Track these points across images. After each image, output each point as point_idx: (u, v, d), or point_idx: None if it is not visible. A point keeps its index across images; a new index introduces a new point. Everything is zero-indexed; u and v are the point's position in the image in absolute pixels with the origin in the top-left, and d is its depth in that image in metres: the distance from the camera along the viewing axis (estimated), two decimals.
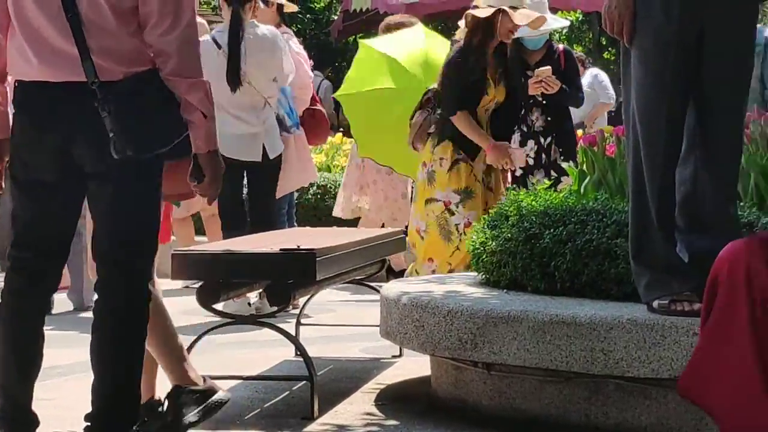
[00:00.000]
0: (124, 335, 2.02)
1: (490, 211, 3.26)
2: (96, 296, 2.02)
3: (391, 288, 2.94)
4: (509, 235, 2.76)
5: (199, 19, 4.08)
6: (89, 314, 2.42)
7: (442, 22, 10.18)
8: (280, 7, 4.89)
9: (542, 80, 4.17)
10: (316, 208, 6.36)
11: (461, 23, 3.94)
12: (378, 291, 3.19)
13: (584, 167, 3.17)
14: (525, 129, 4.38)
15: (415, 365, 3.28)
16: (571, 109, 4.74)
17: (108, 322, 2.02)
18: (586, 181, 3.06)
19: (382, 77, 4.82)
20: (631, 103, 2.33)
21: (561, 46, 4.90)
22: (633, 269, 2.32)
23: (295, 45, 4.89)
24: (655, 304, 2.25)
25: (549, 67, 4.24)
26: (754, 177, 2.77)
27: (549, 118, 4.39)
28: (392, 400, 2.91)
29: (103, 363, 2.00)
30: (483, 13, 3.70)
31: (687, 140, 2.31)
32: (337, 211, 5.64)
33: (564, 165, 3.86)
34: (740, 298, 1.86)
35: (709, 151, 2.29)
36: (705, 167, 2.27)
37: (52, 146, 1.98)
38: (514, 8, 3.72)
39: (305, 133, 4.68)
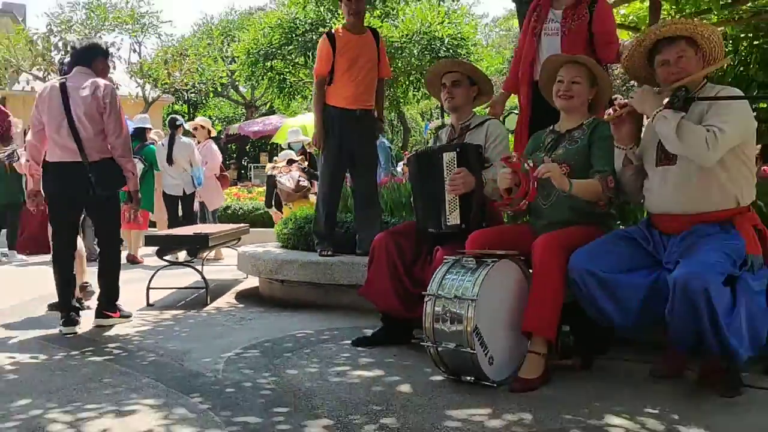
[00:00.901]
0: (108, 266, 4.49)
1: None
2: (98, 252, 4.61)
3: (244, 250, 6.07)
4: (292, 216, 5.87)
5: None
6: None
7: None
8: (209, 130, 8.96)
9: None
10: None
11: None
12: (237, 250, 6.33)
13: None
14: None
15: (253, 281, 6.22)
16: None
17: (102, 260, 4.49)
18: None
19: None
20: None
21: None
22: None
23: (215, 147, 9.02)
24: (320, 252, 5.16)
25: None
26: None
27: None
28: (243, 296, 5.80)
29: (102, 276, 4.49)
30: None
31: None
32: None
33: None
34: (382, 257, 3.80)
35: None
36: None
37: (70, 192, 4.27)
38: None
39: (220, 182, 8.73)
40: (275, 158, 9.21)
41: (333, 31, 5.35)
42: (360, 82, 5.15)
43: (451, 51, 13.57)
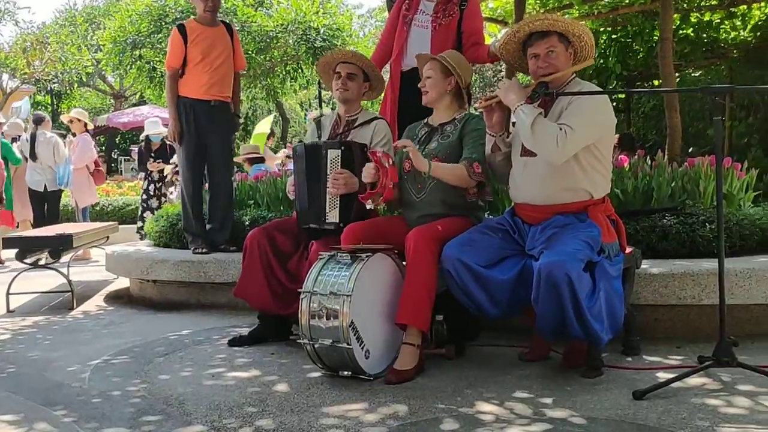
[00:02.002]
0: None
1: None
2: None
3: (113, 249, 5.81)
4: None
5: (17, 120, 8.03)
6: None
7: None
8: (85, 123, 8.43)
9: None
10: None
11: None
12: (105, 250, 6.04)
13: None
14: None
15: (124, 282, 6.00)
16: None
17: None
18: None
19: None
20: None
21: None
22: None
23: (89, 140, 8.60)
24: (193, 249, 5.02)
25: None
26: None
27: None
28: (112, 298, 5.60)
29: None
30: None
31: None
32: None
33: None
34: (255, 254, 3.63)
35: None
36: None
37: None
38: None
39: (94, 178, 8.28)
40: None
41: (184, 23, 5.25)
42: (214, 72, 5.08)
43: (327, 42, 13.51)
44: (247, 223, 5.18)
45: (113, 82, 25.87)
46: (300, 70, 14.96)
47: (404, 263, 3.20)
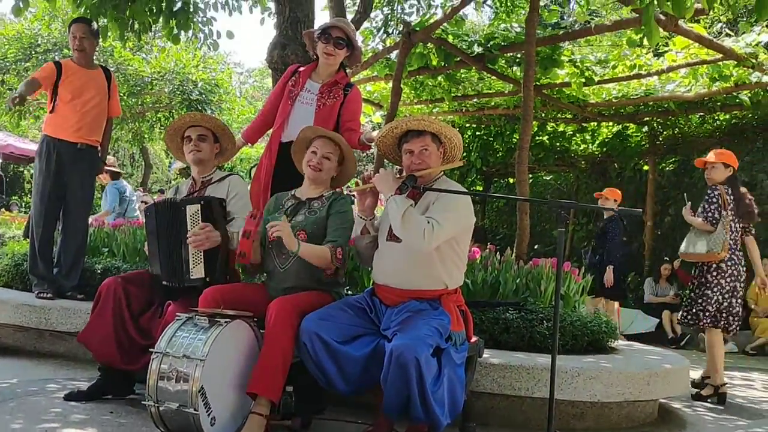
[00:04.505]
0: None
1: None
2: None
3: None
4: None
5: None
6: None
7: None
8: None
9: None
10: None
11: None
12: None
13: None
14: None
15: None
16: None
17: None
18: None
19: None
20: None
21: None
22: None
23: None
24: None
25: None
26: None
27: None
28: None
29: None
30: None
31: None
32: None
33: None
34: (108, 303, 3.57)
35: None
36: None
37: None
38: None
39: None
40: None
41: (61, 61, 5.22)
42: (84, 114, 5.02)
43: (203, 95, 13.48)
44: (99, 271, 5.02)
45: None
46: (171, 119, 14.75)
47: (262, 332, 3.24)
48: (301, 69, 4.51)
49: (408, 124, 3.40)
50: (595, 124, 11.88)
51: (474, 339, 3.48)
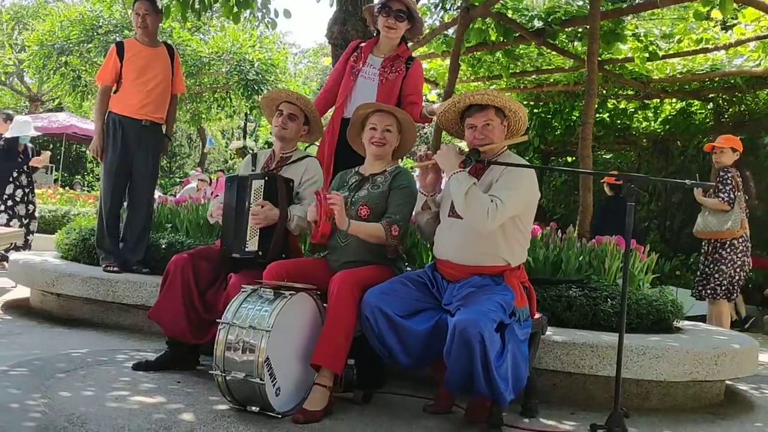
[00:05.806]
0: None
1: None
2: None
3: (17, 257, 5.58)
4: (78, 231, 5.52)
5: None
6: None
7: None
8: None
9: None
10: None
11: None
12: (8, 256, 5.80)
13: None
14: None
15: (24, 291, 5.76)
16: None
17: None
18: None
19: None
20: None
21: None
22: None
23: None
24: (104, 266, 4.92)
25: None
26: None
27: None
28: (10, 307, 5.35)
29: None
30: None
31: None
32: None
33: None
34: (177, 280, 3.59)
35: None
36: None
37: None
38: None
39: None
40: None
41: (124, 41, 5.30)
42: (149, 92, 5.09)
43: (259, 75, 13.59)
44: (163, 246, 5.10)
45: (31, 85, 24.95)
46: (228, 99, 14.95)
47: (325, 305, 3.26)
48: (363, 44, 4.50)
49: (471, 98, 3.35)
50: (658, 100, 11.53)
51: (537, 316, 3.43)
